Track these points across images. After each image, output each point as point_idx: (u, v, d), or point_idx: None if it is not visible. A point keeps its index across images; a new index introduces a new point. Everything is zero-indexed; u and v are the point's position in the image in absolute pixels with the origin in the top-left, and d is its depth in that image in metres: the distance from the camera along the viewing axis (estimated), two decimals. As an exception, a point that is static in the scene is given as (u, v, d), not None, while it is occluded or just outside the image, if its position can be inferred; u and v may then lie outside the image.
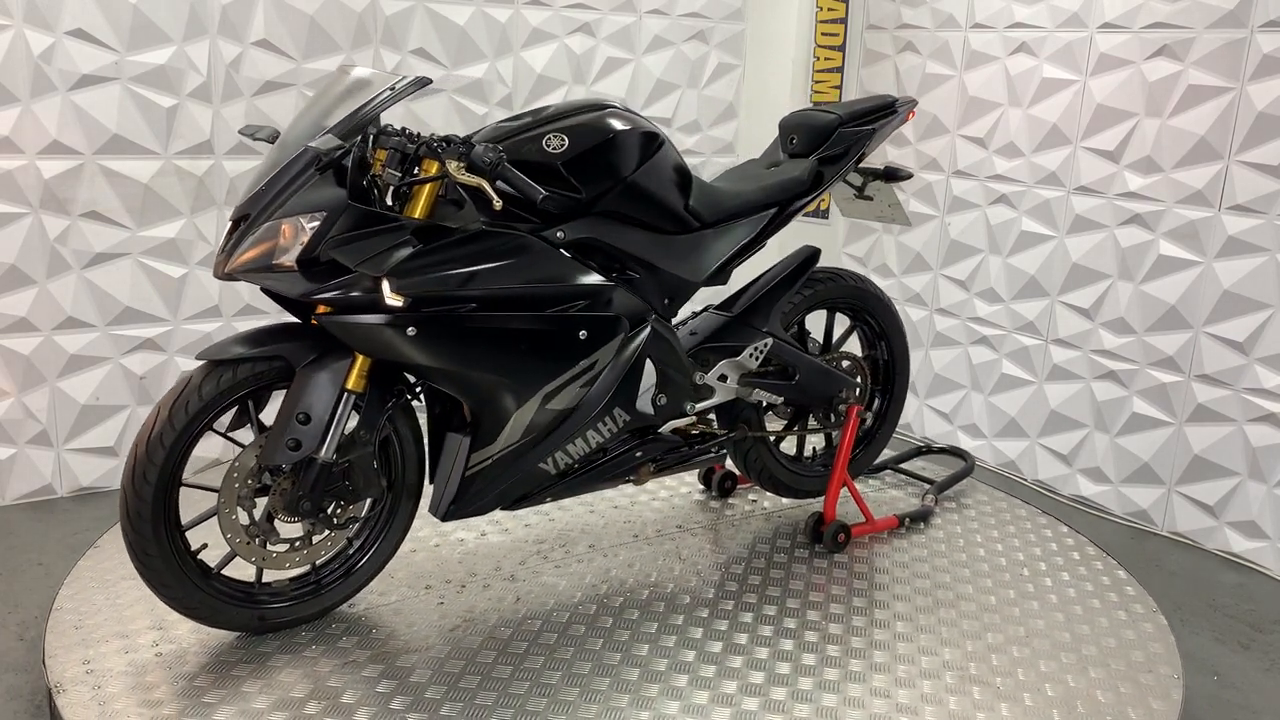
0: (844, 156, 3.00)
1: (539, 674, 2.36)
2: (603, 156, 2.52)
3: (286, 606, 2.49)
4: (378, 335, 2.28)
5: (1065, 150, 3.87)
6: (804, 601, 2.74)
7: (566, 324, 2.49)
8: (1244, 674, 2.88)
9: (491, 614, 2.63)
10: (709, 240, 2.79)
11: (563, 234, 2.50)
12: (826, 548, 3.04)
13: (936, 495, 3.41)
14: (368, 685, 2.30)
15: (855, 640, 2.56)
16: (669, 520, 3.23)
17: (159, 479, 2.25)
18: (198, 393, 2.26)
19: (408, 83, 2.32)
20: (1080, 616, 2.73)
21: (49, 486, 3.61)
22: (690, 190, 2.72)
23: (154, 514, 2.26)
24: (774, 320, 2.96)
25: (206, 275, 3.73)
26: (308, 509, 2.35)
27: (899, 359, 3.32)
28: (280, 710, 2.19)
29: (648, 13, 4.39)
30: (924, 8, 4.35)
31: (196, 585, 2.35)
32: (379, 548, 2.57)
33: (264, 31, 3.67)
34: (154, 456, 2.25)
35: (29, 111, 3.34)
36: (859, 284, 3.17)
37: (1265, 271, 3.35)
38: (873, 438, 3.36)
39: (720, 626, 2.60)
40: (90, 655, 2.37)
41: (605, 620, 2.61)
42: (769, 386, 2.96)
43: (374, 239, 2.23)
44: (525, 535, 3.08)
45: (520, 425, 2.49)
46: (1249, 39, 3.34)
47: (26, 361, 3.48)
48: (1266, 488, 3.42)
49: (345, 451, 2.37)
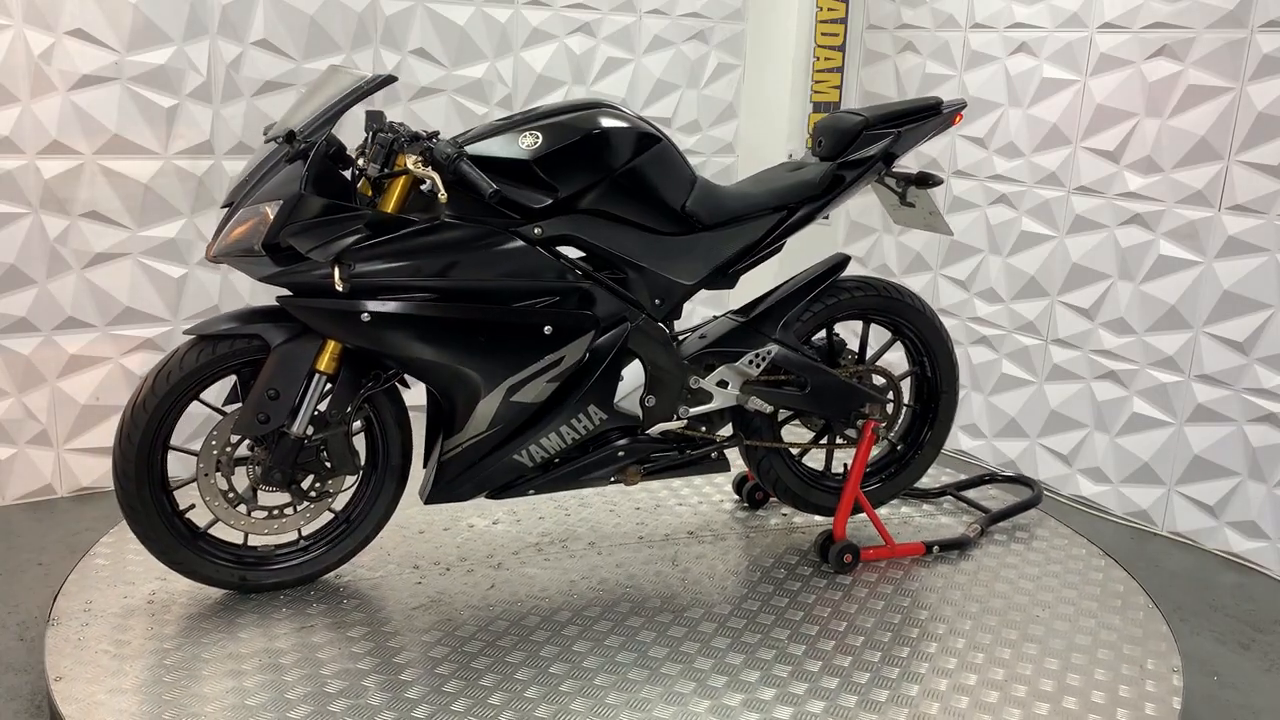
0: (866, 160, 2.87)
1: (470, 660, 2.41)
2: (578, 155, 2.55)
3: (269, 571, 2.66)
4: (333, 319, 2.44)
5: (1065, 150, 3.87)
6: (779, 618, 2.65)
7: (530, 318, 2.54)
8: (1244, 674, 2.88)
9: (459, 599, 2.70)
10: (705, 243, 2.75)
11: (540, 230, 2.55)
12: (832, 568, 2.92)
13: (985, 526, 3.19)
14: (309, 650, 2.43)
15: (823, 644, 2.56)
16: (684, 526, 3.18)
17: (142, 441, 2.46)
18: (180, 364, 2.47)
19: (370, 80, 2.46)
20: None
21: (49, 486, 3.61)
22: (690, 191, 2.70)
23: (138, 474, 2.47)
24: (786, 328, 2.86)
25: (206, 275, 3.73)
26: (278, 479, 2.52)
27: (944, 377, 3.12)
28: (225, 663, 2.32)
29: (648, 13, 4.39)
30: (924, 8, 4.35)
31: (181, 542, 2.56)
32: (362, 526, 2.71)
33: (264, 31, 3.67)
34: (137, 420, 2.46)
35: (29, 111, 3.34)
36: (891, 294, 3.01)
37: (1265, 271, 3.35)
38: (908, 461, 3.18)
39: (677, 633, 2.56)
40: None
41: (563, 615, 2.63)
42: (777, 396, 2.86)
43: (327, 227, 2.38)
44: (533, 527, 3.11)
45: (485, 415, 2.56)
46: (1249, 39, 3.34)
47: (26, 361, 3.48)
48: (1266, 488, 3.42)
49: (319, 429, 2.53)
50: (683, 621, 2.62)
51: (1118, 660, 2.53)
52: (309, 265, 2.40)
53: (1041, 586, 2.89)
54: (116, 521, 3.03)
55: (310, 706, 2.21)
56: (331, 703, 2.22)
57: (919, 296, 3.08)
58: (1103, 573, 3.00)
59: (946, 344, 3.10)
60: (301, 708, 2.20)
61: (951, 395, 3.15)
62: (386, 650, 2.44)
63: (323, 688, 2.27)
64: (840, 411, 2.95)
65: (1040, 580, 2.93)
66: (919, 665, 2.47)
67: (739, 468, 3.24)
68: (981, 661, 2.50)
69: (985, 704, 2.33)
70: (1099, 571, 3.00)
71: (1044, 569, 3.00)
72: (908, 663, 2.48)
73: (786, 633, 2.58)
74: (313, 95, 2.53)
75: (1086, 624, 2.69)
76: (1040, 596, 2.83)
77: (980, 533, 3.15)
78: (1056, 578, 2.95)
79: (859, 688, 2.36)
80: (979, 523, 3.18)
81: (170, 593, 2.65)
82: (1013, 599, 2.81)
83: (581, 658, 2.44)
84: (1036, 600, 2.81)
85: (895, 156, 2.92)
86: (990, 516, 3.25)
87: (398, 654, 2.42)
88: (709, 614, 2.66)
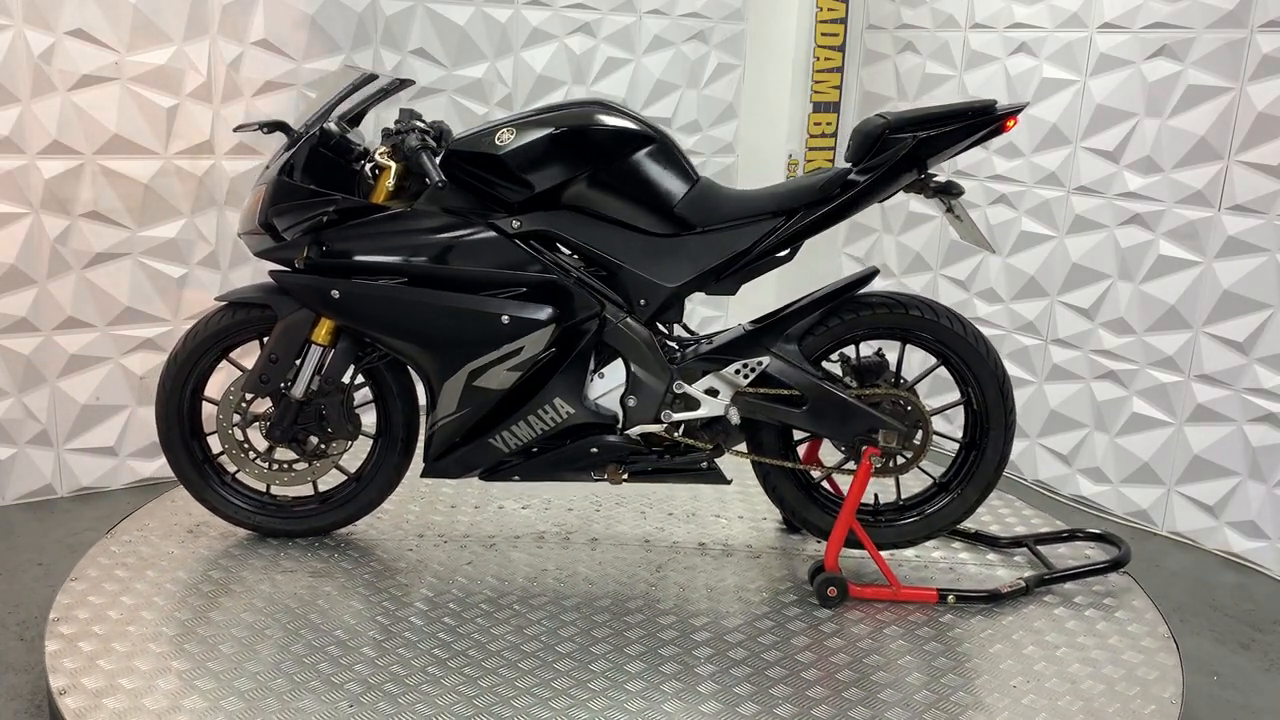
0: (878, 165, 2.63)
1: (399, 632, 2.51)
2: (549, 151, 2.59)
3: (282, 520, 2.94)
4: (309, 294, 2.67)
5: (1065, 150, 3.88)
6: (716, 639, 2.53)
7: (487, 307, 2.61)
8: (1244, 674, 2.88)
9: (432, 568, 2.83)
10: (693, 246, 2.66)
11: (519, 224, 2.63)
12: (816, 598, 2.72)
13: (1034, 585, 2.81)
14: (277, 588, 2.70)
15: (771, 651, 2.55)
16: (702, 538, 3.08)
17: (173, 388, 2.82)
18: (206, 325, 2.81)
19: (390, 82, 2.74)
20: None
21: (49, 486, 3.61)
22: (687, 193, 2.66)
23: (170, 419, 2.84)
24: (788, 340, 2.71)
25: (206, 275, 3.74)
26: (278, 436, 2.79)
27: (990, 409, 2.78)
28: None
29: (648, 13, 4.39)
30: (924, 8, 4.35)
31: (210, 484, 2.90)
32: (367, 490, 2.92)
33: (264, 31, 3.67)
34: (169, 371, 2.82)
35: (29, 111, 3.34)
36: (920, 312, 2.72)
37: (1265, 271, 3.35)
38: (935, 501, 2.88)
39: (598, 634, 2.53)
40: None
41: (508, 599, 2.68)
42: (771, 410, 2.70)
43: (300, 209, 2.61)
44: (554, 518, 3.17)
45: (451, 397, 2.67)
46: (1249, 39, 3.34)
47: (26, 361, 3.48)
48: (1266, 488, 3.42)
49: (318, 395, 2.76)
50: (613, 625, 2.57)
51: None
52: (290, 244, 2.64)
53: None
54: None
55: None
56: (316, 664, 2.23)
57: (960, 316, 2.77)
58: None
59: (992, 370, 2.75)
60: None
61: (1000, 433, 2.79)
62: (346, 607, 2.62)
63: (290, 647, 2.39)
64: (842, 434, 2.73)
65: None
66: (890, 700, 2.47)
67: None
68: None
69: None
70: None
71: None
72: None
73: (709, 652, 2.48)
74: (327, 91, 2.75)
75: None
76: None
77: (1025, 590, 2.79)
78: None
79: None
80: (1026, 580, 2.81)
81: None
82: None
83: (491, 640, 2.48)
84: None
85: (923, 163, 2.64)
86: (1056, 574, 2.88)
87: (350, 610, 2.61)
88: (648, 624, 2.59)
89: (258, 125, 2.74)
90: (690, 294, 2.74)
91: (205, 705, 2.20)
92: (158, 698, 2.22)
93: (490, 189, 2.63)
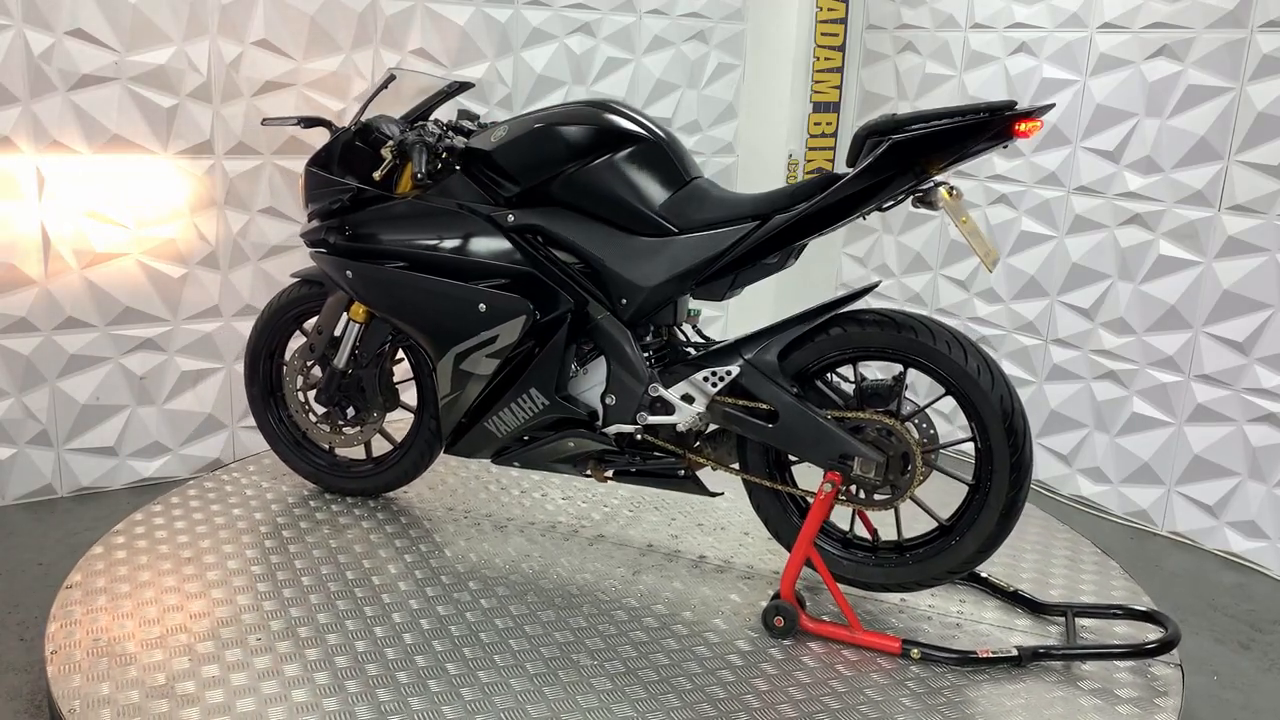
0: (864, 170, 2.37)
1: (375, 593, 2.66)
2: (533, 148, 2.67)
3: (334, 478, 3.23)
4: (329, 270, 2.93)
5: (1065, 150, 3.88)
6: (640, 647, 2.47)
7: (467, 294, 2.73)
8: (1244, 674, 2.88)
9: (430, 541, 2.96)
10: (670, 247, 2.58)
11: (513, 218, 2.72)
12: (763, 623, 2.56)
13: (1029, 659, 2.43)
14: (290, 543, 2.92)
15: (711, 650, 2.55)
16: (712, 547, 3.00)
17: (253, 353, 3.20)
18: (279, 298, 3.16)
19: (450, 84, 2.94)
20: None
21: (49, 486, 3.61)
22: (674, 193, 2.61)
23: (251, 379, 3.21)
24: (767, 351, 2.53)
25: (206, 275, 3.74)
26: (323, 400, 3.08)
27: (995, 450, 2.40)
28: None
29: (648, 13, 4.39)
30: (924, 8, 4.35)
31: (283, 439, 3.24)
32: (401, 462, 3.15)
33: (264, 31, 3.67)
34: (252, 336, 3.20)
35: (29, 111, 3.34)
36: (915, 332, 2.43)
37: (1265, 271, 3.36)
38: (933, 546, 2.55)
39: (541, 626, 2.52)
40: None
41: (474, 584, 2.72)
42: (744, 423, 2.55)
43: (324, 194, 2.91)
44: (580, 511, 3.22)
45: (445, 377, 2.81)
46: (1249, 39, 3.34)
47: (26, 361, 3.48)
48: (1266, 488, 3.42)
49: (357, 366, 3.03)
50: (560, 622, 2.55)
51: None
52: (324, 227, 2.92)
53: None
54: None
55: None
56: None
57: (964, 340, 2.43)
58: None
59: (996, 406, 2.38)
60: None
61: (1004, 477, 2.40)
62: (343, 568, 2.80)
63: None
64: (813, 455, 2.50)
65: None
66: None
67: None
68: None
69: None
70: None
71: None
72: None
73: (620, 666, 2.39)
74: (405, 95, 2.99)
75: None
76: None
77: (1017, 660, 2.43)
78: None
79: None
80: (1023, 651, 2.44)
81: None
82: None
83: (445, 619, 2.54)
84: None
85: (920, 169, 2.35)
86: (1079, 650, 2.49)
87: (334, 577, 2.75)
88: (585, 621, 2.56)
89: (296, 120, 2.98)
90: (672, 296, 2.64)
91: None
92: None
93: (490, 183, 2.74)
